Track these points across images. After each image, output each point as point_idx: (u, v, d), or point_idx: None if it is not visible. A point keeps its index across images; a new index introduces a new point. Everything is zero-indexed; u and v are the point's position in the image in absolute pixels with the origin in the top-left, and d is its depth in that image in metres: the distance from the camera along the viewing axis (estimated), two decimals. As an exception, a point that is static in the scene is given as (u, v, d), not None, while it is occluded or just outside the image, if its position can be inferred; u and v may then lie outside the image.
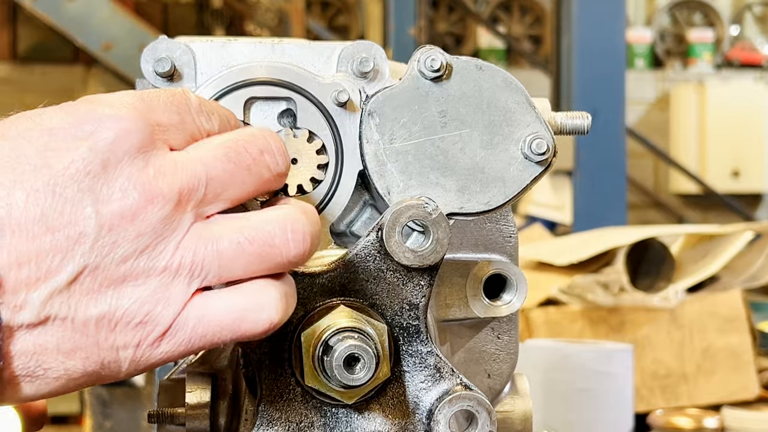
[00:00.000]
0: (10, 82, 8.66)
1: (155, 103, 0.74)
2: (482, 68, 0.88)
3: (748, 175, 8.73)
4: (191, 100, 0.77)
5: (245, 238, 0.72)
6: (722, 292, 2.47)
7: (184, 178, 0.72)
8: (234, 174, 0.74)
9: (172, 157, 0.72)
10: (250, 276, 0.73)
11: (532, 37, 9.37)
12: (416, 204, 0.82)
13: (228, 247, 0.72)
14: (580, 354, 2.05)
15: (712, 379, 2.38)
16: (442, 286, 0.93)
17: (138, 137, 0.71)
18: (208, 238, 0.72)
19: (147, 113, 0.73)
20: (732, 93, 8.77)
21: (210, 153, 0.74)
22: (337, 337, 0.79)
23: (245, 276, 0.73)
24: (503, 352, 0.99)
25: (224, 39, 0.91)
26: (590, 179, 4.04)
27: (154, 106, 0.74)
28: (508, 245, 0.97)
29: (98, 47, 7.46)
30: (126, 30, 7.47)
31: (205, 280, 0.72)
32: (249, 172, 0.74)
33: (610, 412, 2.06)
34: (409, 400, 0.84)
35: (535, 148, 0.87)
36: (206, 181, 0.72)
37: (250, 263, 0.72)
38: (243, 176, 0.74)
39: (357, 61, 0.89)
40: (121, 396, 3.11)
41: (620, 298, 2.46)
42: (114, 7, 7.45)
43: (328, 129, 0.89)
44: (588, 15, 4.05)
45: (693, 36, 9.25)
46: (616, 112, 3.99)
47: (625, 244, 2.54)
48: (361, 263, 0.82)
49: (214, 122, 0.77)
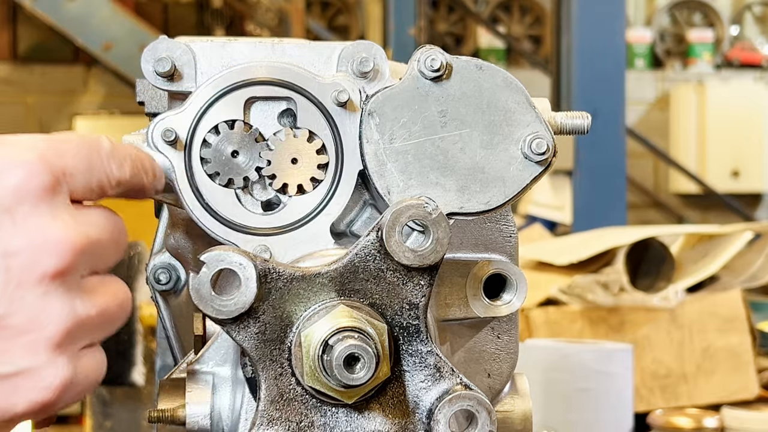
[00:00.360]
0: (10, 82, 8.66)
1: (65, 147, 0.74)
2: (482, 68, 0.88)
3: (747, 175, 8.73)
4: (103, 146, 0.77)
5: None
6: (722, 292, 2.47)
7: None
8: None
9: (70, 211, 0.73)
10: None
11: (532, 37, 9.36)
12: (416, 204, 0.82)
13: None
14: (580, 354, 2.05)
15: (711, 379, 2.38)
16: (442, 285, 0.94)
17: (41, 181, 0.71)
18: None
19: (54, 158, 0.73)
20: (732, 93, 8.76)
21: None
22: (337, 336, 0.79)
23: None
24: (503, 351, 0.99)
25: (224, 39, 0.91)
26: (590, 179, 4.04)
27: (63, 151, 0.74)
28: (508, 245, 0.97)
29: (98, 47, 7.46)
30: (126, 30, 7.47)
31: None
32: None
33: (610, 412, 2.06)
34: (409, 400, 0.84)
35: (535, 148, 0.87)
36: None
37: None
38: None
39: (357, 61, 0.89)
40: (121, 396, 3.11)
41: (620, 298, 2.46)
42: (114, 7, 7.45)
43: (328, 129, 0.89)
44: (588, 15, 4.05)
45: (693, 36, 9.24)
46: (616, 112, 3.99)
47: (625, 244, 2.54)
48: (361, 263, 0.82)
49: (126, 169, 0.77)
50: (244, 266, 0.80)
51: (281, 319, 0.82)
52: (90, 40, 7.46)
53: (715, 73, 9.19)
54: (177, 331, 1.15)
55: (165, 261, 1.12)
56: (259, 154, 0.88)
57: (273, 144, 0.89)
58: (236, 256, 0.80)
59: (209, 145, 0.88)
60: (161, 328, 1.18)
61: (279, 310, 0.82)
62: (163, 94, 1.02)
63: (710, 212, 8.60)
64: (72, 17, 7.35)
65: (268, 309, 0.82)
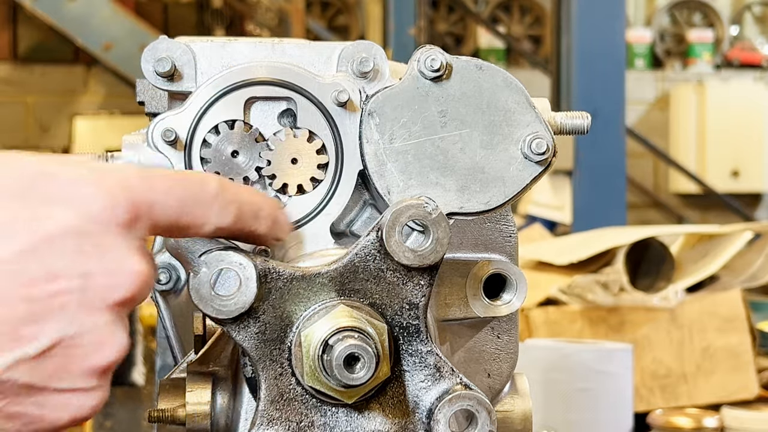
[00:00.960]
0: (10, 82, 8.66)
1: (158, 183, 0.74)
2: (482, 68, 0.88)
3: (747, 175, 8.73)
4: (207, 189, 0.76)
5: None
6: (722, 292, 2.47)
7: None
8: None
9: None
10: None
11: (532, 37, 9.36)
12: (416, 204, 0.82)
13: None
14: (579, 354, 2.05)
15: (711, 379, 2.38)
16: (442, 285, 0.94)
17: (121, 213, 0.71)
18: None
19: (141, 192, 0.73)
20: (732, 93, 8.76)
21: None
22: (337, 336, 0.79)
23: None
24: (503, 351, 0.99)
25: (224, 39, 0.91)
26: (590, 179, 4.04)
27: (155, 186, 0.74)
28: (508, 245, 0.97)
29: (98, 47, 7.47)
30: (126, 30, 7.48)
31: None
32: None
33: (610, 411, 2.06)
34: (409, 400, 0.84)
35: (535, 148, 0.87)
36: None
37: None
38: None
39: (357, 61, 0.89)
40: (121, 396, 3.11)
41: (620, 298, 2.46)
42: (114, 8, 7.46)
43: (328, 129, 0.89)
44: (588, 15, 4.05)
45: (693, 36, 9.24)
46: (616, 112, 3.99)
47: (625, 244, 2.54)
48: (361, 263, 0.82)
49: (228, 216, 0.76)
50: (244, 266, 0.80)
51: (281, 319, 0.82)
52: (90, 40, 7.46)
53: (715, 73, 9.19)
54: (177, 331, 1.15)
55: (165, 261, 1.12)
56: (259, 154, 0.88)
57: (273, 144, 0.89)
58: (236, 256, 0.80)
59: (209, 145, 0.88)
60: (161, 328, 1.18)
61: (279, 310, 0.82)
62: (163, 94, 1.02)
63: (710, 212, 8.60)
64: (72, 17, 7.36)
65: (268, 309, 0.82)
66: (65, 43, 8.16)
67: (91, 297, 0.70)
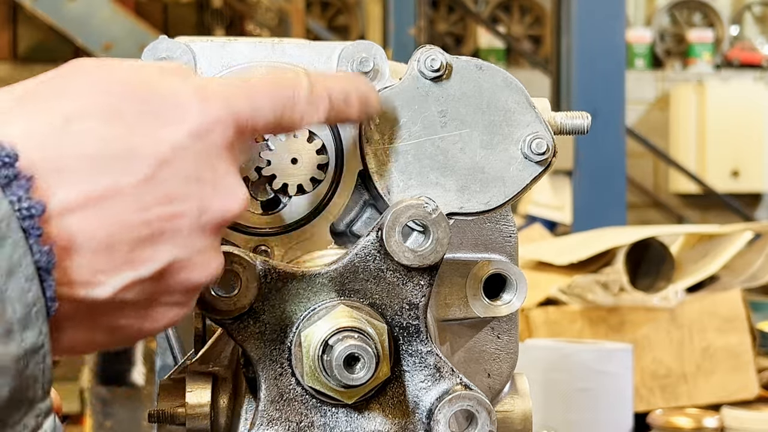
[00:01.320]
0: (10, 82, 8.61)
1: (255, 93, 0.75)
2: (482, 68, 0.88)
3: (747, 175, 8.73)
4: (299, 90, 0.77)
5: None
6: (722, 292, 2.47)
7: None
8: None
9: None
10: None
11: (532, 37, 9.36)
12: (416, 204, 0.82)
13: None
14: (579, 354, 2.05)
15: (711, 379, 2.38)
16: (442, 285, 0.94)
17: (229, 132, 0.72)
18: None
19: (243, 107, 0.74)
20: (732, 93, 8.76)
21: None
22: (337, 336, 0.79)
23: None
24: (503, 351, 0.99)
25: (224, 39, 0.91)
26: (590, 179, 4.04)
27: (253, 95, 0.75)
28: (508, 245, 0.97)
29: (98, 47, 7.46)
30: (126, 30, 7.47)
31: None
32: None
33: (610, 411, 2.06)
34: (409, 400, 0.84)
35: (535, 148, 0.87)
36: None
37: None
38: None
39: (357, 61, 0.89)
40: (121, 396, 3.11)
41: (620, 298, 2.46)
42: (114, 8, 7.45)
43: (328, 129, 0.89)
44: (588, 15, 4.05)
45: (693, 36, 9.24)
46: (616, 112, 3.99)
47: (625, 244, 2.54)
48: (361, 263, 0.82)
49: (318, 113, 0.78)
50: (244, 266, 0.80)
51: (281, 319, 0.82)
52: (90, 40, 7.46)
53: (715, 73, 9.19)
54: (177, 331, 1.15)
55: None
56: (259, 154, 0.88)
57: (273, 144, 0.89)
58: (236, 256, 0.80)
59: (209, 145, 0.88)
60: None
61: (279, 310, 0.82)
62: (163, 94, 1.02)
63: (710, 212, 8.60)
64: (72, 17, 7.35)
65: (268, 309, 0.82)
66: (65, 43, 8.16)
67: (204, 220, 0.71)
